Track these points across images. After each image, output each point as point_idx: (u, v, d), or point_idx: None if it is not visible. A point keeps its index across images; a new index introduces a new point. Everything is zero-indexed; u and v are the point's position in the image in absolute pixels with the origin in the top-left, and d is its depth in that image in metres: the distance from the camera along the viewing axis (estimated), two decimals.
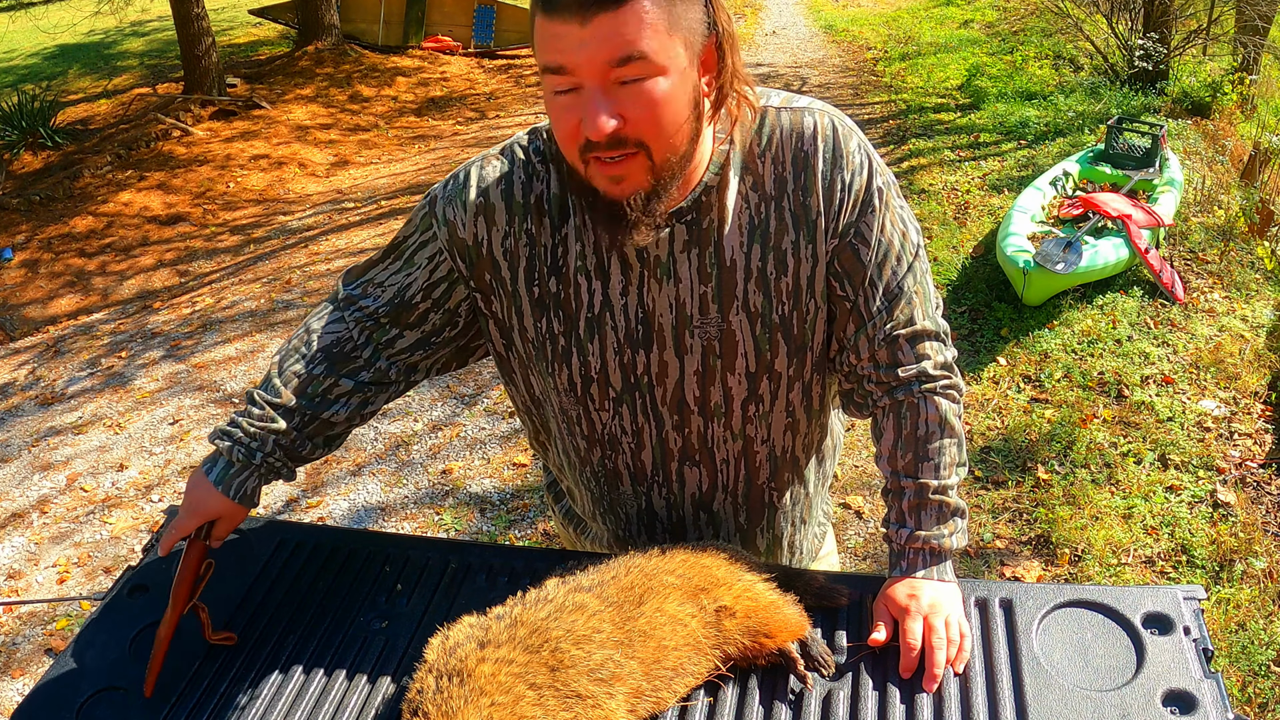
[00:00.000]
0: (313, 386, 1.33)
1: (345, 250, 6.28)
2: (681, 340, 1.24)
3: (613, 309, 1.23)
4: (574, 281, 1.23)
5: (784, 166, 1.19)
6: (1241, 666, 2.67)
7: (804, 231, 1.20)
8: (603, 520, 1.44)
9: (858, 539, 3.32)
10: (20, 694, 2.99)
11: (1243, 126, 7.33)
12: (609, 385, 1.27)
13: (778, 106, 1.21)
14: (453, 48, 11.25)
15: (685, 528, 1.40)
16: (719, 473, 1.34)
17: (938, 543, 1.25)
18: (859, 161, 1.20)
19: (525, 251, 1.24)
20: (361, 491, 3.78)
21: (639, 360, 1.25)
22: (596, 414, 1.30)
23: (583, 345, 1.25)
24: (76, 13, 12.73)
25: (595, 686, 1.07)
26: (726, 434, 1.30)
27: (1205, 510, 3.30)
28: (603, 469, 1.36)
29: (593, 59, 1.03)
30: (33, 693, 1.24)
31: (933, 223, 5.73)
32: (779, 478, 1.38)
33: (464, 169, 1.27)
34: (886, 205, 1.22)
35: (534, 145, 1.25)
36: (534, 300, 1.25)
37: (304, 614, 1.32)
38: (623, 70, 1.04)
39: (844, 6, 14.28)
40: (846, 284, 1.23)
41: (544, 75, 1.07)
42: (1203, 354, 4.16)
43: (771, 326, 1.23)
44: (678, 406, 1.28)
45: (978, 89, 8.47)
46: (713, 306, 1.22)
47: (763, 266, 1.21)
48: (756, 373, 1.26)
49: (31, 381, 5.03)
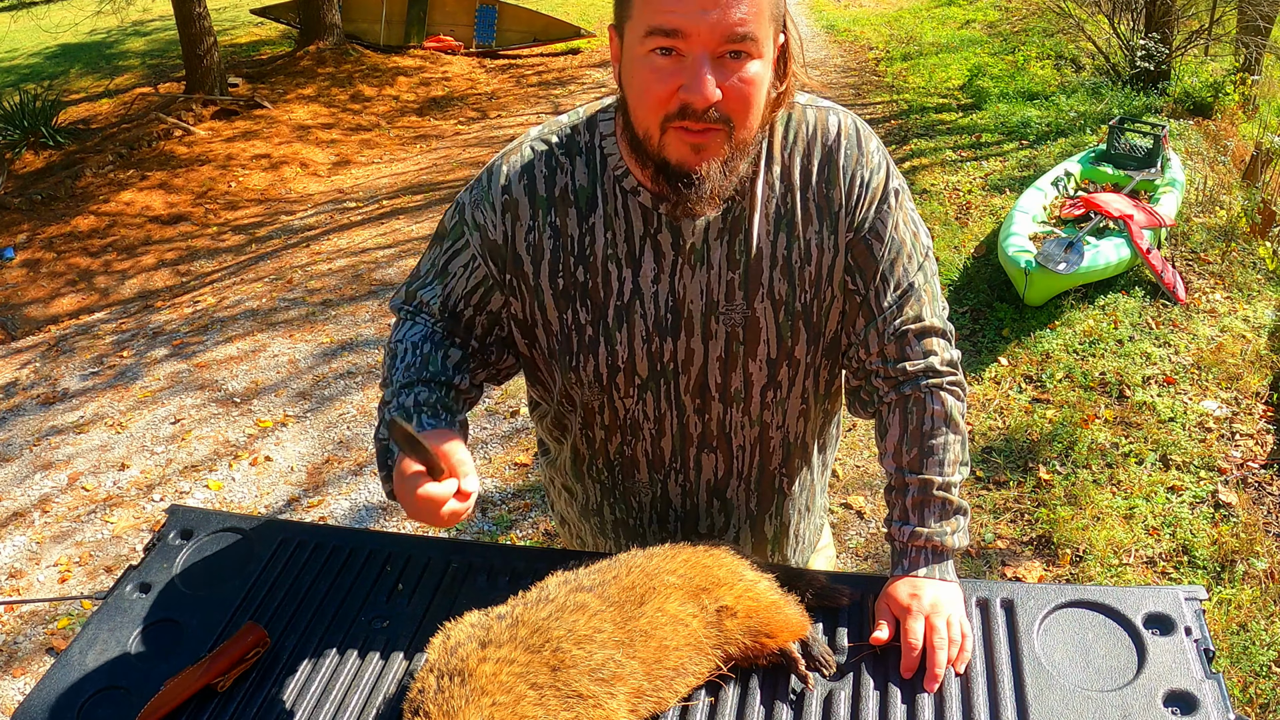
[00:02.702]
0: (432, 366, 1.28)
1: (347, 250, 6.29)
2: (708, 326, 1.26)
3: (643, 296, 1.24)
4: (603, 270, 1.24)
5: (810, 160, 1.23)
6: (1243, 667, 2.67)
7: (827, 222, 1.24)
8: (610, 510, 1.45)
9: (859, 539, 3.32)
10: (21, 693, 2.99)
11: (1244, 127, 7.33)
12: (635, 373, 1.28)
13: (804, 104, 1.25)
14: (454, 47, 11.25)
15: (699, 515, 1.41)
16: (735, 459, 1.36)
17: (940, 540, 1.26)
18: (878, 161, 1.25)
19: (549, 244, 1.25)
20: (362, 491, 3.79)
21: (666, 347, 1.27)
22: (621, 401, 1.31)
23: (610, 334, 1.26)
24: (78, 12, 12.74)
25: (596, 686, 1.07)
26: (744, 420, 1.33)
27: (1207, 511, 3.30)
28: (620, 457, 1.37)
29: (714, 29, 1.06)
30: (34, 692, 1.24)
31: (934, 223, 5.73)
32: (790, 463, 1.40)
33: (486, 170, 1.28)
34: (901, 206, 1.26)
35: (556, 137, 1.26)
36: (558, 292, 1.26)
37: (304, 614, 1.33)
38: (734, 46, 1.07)
39: (845, 6, 14.27)
40: (859, 278, 1.26)
41: (646, 37, 1.08)
42: (1204, 354, 4.16)
43: (794, 314, 1.26)
44: (700, 392, 1.30)
45: (979, 89, 8.47)
46: (739, 293, 1.24)
47: (788, 255, 1.24)
48: (777, 359, 1.28)
49: (33, 381, 5.04)
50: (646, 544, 1.33)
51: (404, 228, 6.56)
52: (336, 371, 4.69)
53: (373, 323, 5.16)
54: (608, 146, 1.23)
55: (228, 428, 4.31)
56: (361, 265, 5.97)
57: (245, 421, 4.34)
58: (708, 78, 1.07)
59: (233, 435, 4.24)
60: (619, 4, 1.14)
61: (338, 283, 5.74)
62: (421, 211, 6.86)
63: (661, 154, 1.14)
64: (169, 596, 1.36)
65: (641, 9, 1.08)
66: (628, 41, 1.12)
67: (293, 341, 5.05)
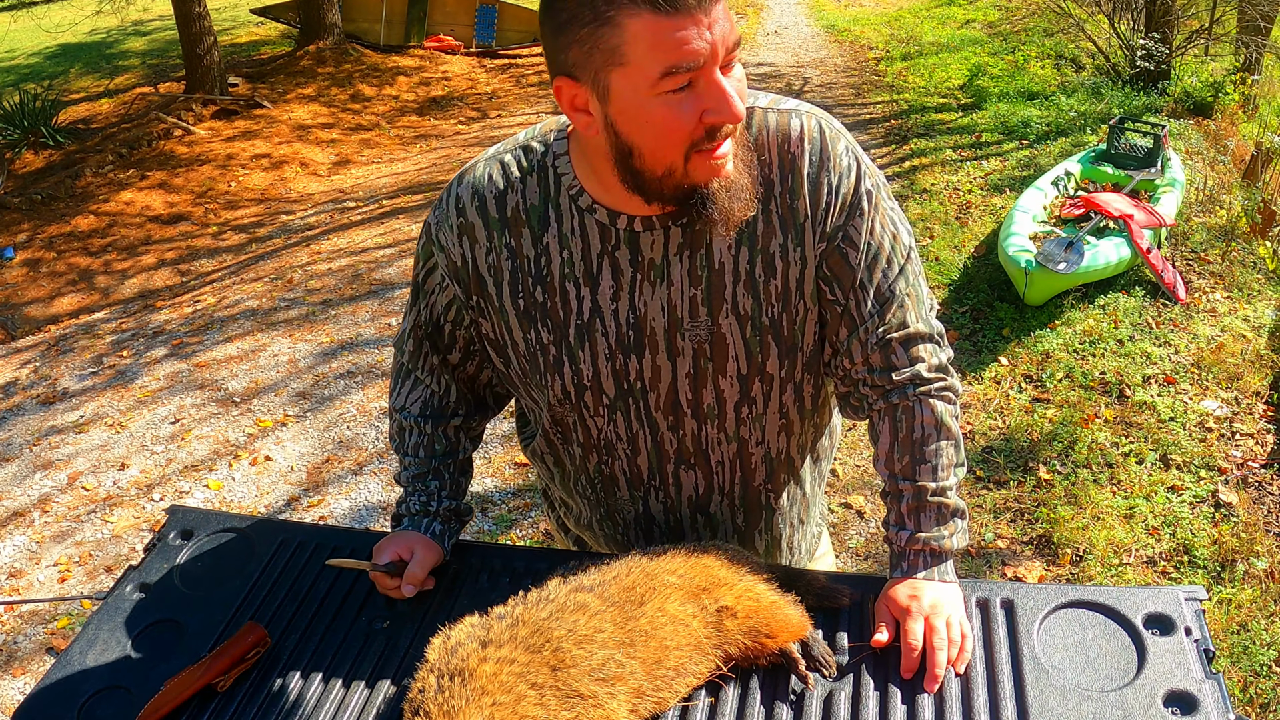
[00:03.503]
0: (438, 444, 1.42)
1: (347, 249, 6.29)
2: (674, 343, 1.23)
3: (602, 315, 1.22)
4: (561, 289, 1.22)
5: (770, 168, 1.18)
6: (1243, 667, 2.67)
7: (792, 234, 1.20)
8: (599, 526, 1.44)
9: (859, 539, 3.32)
10: (22, 693, 2.99)
11: (1244, 126, 7.33)
12: (602, 392, 1.27)
13: (764, 107, 1.20)
14: (454, 47, 11.25)
15: (683, 531, 1.40)
16: (715, 475, 1.34)
17: (938, 544, 1.25)
18: (846, 164, 1.19)
19: (508, 265, 1.24)
20: (362, 491, 3.79)
21: (631, 366, 1.25)
22: (592, 420, 1.30)
23: (573, 353, 1.24)
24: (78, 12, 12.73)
25: (597, 686, 1.07)
26: (721, 436, 1.30)
27: (1207, 510, 3.30)
28: (599, 475, 1.36)
29: (721, 44, 1.03)
30: (34, 692, 1.24)
31: (934, 223, 5.73)
32: (775, 479, 1.38)
33: (445, 192, 1.28)
34: (876, 208, 1.21)
35: (509, 155, 1.24)
36: (520, 312, 1.25)
37: (304, 614, 1.33)
38: (732, 55, 1.06)
39: (845, 6, 14.27)
40: (836, 288, 1.23)
41: (662, 79, 1.03)
42: (1204, 354, 4.16)
43: (761, 329, 1.23)
44: (672, 409, 1.28)
45: (979, 89, 8.46)
46: (702, 309, 1.21)
47: (750, 269, 1.20)
48: (748, 375, 1.26)
49: (33, 380, 5.04)
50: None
51: (404, 227, 6.56)
52: (336, 371, 4.69)
53: (372, 322, 5.16)
54: (561, 166, 1.20)
55: (228, 427, 4.31)
56: (361, 265, 5.97)
57: (245, 421, 4.34)
58: (730, 94, 1.05)
59: (233, 435, 4.24)
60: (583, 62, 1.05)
61: (337, 282, 5.74)
62: (421, 211, 6.86)
63: (688, 182, 1.10)
64: (169, 596, 1.36)
65: (648, 54, 1.02)
66: (627, 89, 1.05)
67: (292, 341, 5.05)
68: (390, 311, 5.25)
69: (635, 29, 1.01)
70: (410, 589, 1.31)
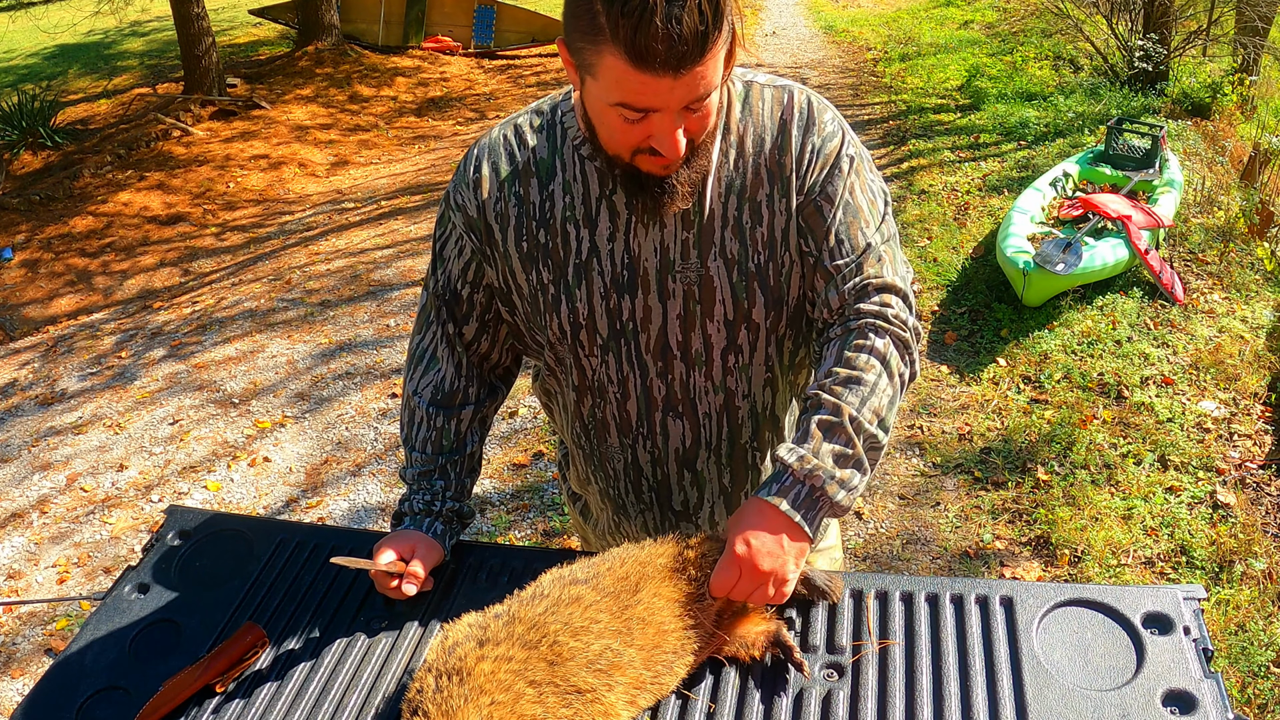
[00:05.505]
0: (445, 440, 1.44)
1: (345, 250, 6.29)
2: (665, 285, 1.30)
3: (599, 254, 1.30)
4: (562, 231, 1.31)
5: (763, 130, 1.28)
6: (1241, 667, 2.67)
7: (778, 186, 1.28)
8: (594, 478, 1.50)
9: (859, 539, 3.32)
10: (20, 694, 2.99)
11: (1242, 127, 7.34)
12: (596, 332, 1.33)
13: (763, 83, 1.31)
14: (452, 48, 11.26)
15: (670, 486, 1.43)
16: (702, 427, 1.39)
17: (823, 479, 1.17)
18: (831, 130, 1.29)
19: (514, 211, 1.32)
20: (361, 491, 3.79)
21: (624, 306, 1.31)
22: (586, 360, 1.36)
23: (570, 291, 1.31)
24: (76, 12, 12.73)
25: (595, 679, 1.08)
26: (708, 384, 1.36)
27: (1205, 511, 3.30)
28: (592, 420, 1.42)
29: (679, 102, 1.12)
30: (33, 692, 1.24)
31: (932, 223, 5.74)
32: (760, 437, 1.42)
33: (463, 158, 1.38)
34: (856, 173, 1.29)
35: (523, 118, 1.34)
36: (523, 255, 1.33)
37: (303, 614, 1.33)
38: (696, 104, 1.14)
39: (844, 7, 14.28)
40: (810, 240, 1.29)
41: (613, 106, 1.13)
42: (1202, 355, 4.16)
43: (748, 275, 1.29)
44: (661, 353, 1.34)
45: (977, 90, 8.47)
46: (693, 252, 1.29)
47: (739, 216, 1.29)
48: (734, 321, 1.31)
49: (31, 381, 5.04)
50: (628, 517, 1.46)
51: (402, 228, 6.56)
52: (335, 372, 4.69)
53: (371, 323, 5.16)
54: (568, 121, 1.31)
55: (226, 428, 4.30)
56: (360, 266, 5.97)
57: (244, 422, 4.34)
58: (676, 136, 1.14)
59: (231, 436, 4.24)
60: (576, 49, 1.13)
61: (336, 283, 5.74)
62: (420, 212, 6.86)
63: (635, 170, 1.21)
64: (168, 597, 1.36)
65: (613, 84, 1.10)
66: (593, 90, 1.14)
67: (291, 342, 5.04)
68: (389, 312, 5.25)
69: (609, 61, 1.09)
70: (411, 588, 1.32)
